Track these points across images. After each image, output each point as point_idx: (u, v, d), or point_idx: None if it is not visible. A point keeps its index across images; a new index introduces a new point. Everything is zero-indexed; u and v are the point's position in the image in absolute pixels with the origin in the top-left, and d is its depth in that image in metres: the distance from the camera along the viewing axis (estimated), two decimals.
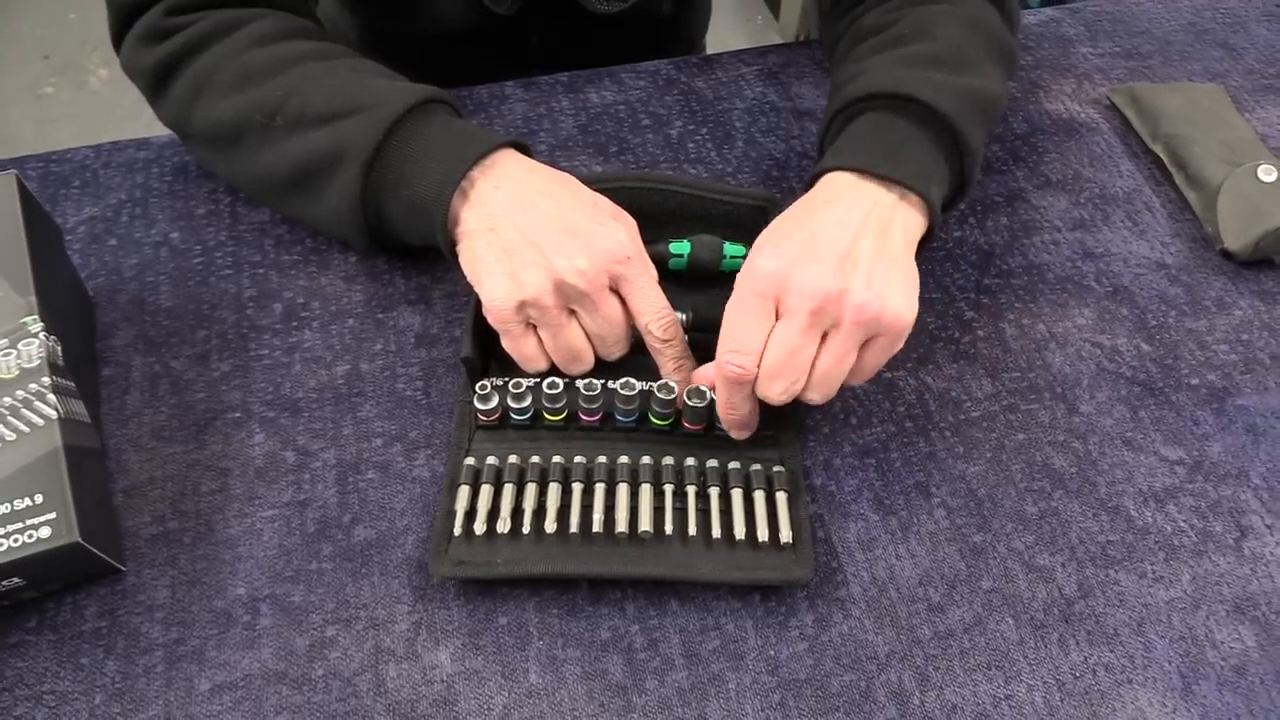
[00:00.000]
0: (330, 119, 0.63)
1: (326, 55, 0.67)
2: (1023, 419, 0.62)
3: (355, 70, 0.66)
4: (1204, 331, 0.67)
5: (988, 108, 0.65)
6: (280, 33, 0.68)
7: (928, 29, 0.67)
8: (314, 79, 0.64)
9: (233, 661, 0.53)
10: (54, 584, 0.54)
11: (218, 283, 0.68)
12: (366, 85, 0.64)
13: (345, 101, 0.63)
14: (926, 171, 0.60)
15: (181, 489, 0.59)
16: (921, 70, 0.63)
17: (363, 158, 0.61)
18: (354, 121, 0.62)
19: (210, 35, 0.67)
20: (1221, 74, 0.85)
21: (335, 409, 0.62)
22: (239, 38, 0.66)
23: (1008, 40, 0.70)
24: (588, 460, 0.58)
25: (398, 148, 0.61)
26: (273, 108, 0.64)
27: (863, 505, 0.59)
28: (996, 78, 0.67)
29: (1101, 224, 0.73)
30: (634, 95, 0.82)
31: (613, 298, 0.59)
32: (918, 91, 0.61)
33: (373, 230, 0.65)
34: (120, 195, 0.74)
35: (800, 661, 0.53)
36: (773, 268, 0.54)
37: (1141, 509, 0.59)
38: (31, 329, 0.55)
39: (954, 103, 0.62)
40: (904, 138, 0.61)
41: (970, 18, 0.68)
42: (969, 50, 0.66)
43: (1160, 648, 0.54)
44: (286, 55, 0.66)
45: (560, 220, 0.59)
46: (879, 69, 0.65)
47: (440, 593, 0.55)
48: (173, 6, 0.68)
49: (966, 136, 0.61)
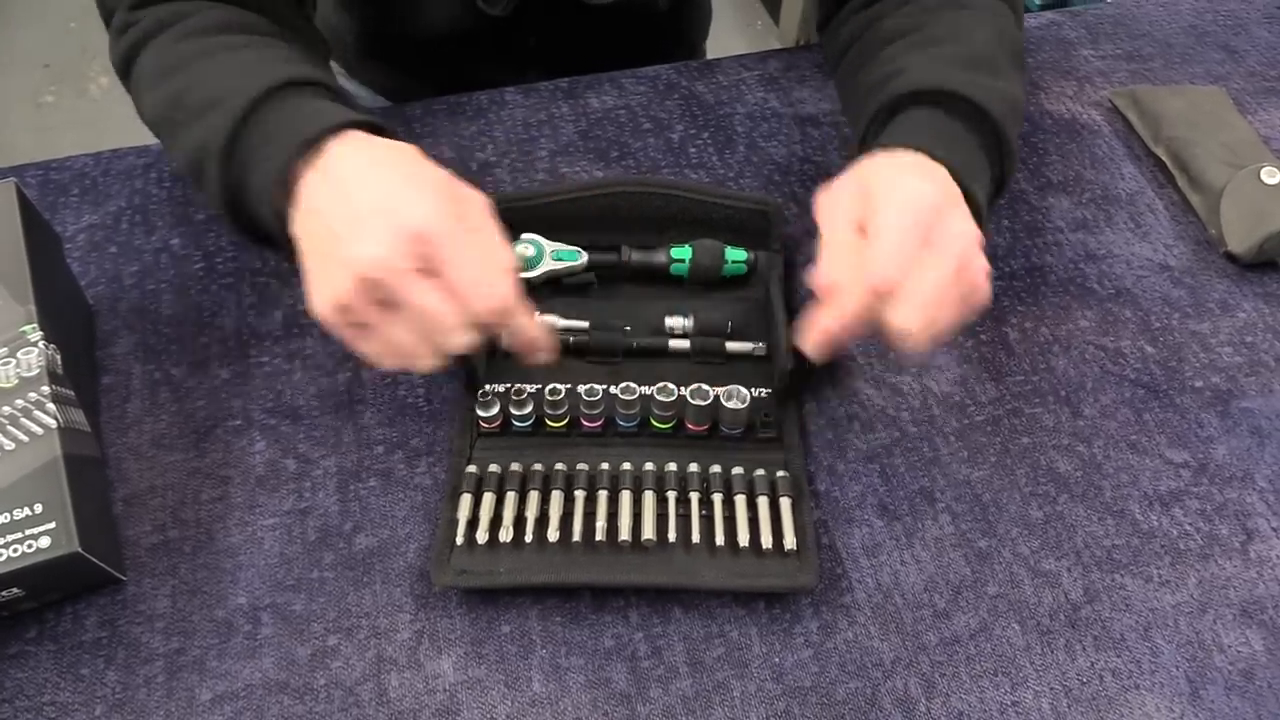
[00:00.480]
0: (205, 109, 0.58)
1: (242, 45, 0.63)
2: (1027, 423, 0.62)
3: (252, 56, 0.61)
4: (1208, 334, 0.67)
5: (1020, 114, 0.65)
6: (214, 26, 0.65)
7: (960, 33, 0.67)
8: (209, 68, 0.60)
9: (234, 671, 0.52)
10: (54, 594, 0.54)
11: (218, 290, 0.68)
12: (243, 71, 0.59)
13: (218, 90, 0.58)
14: (977, 173, 0.59)
15: (182, 497, 0.58)
16: (964, 71, 0.63)
17: (217, 150, 0.56)
18: (215, 113, 0.57)
19: (154, 29, 0.65)
20: (1223, 77, 0.85)
21: (336, 416, 0.62)
22: (173, 32, 0.64)
23: (1022, 46, 0.70)
24: (590, 467, 0.58)
25: (248, 135, 0.56)
26: (175, 100, 0.60)
27: (867, 511, 0.58)
28: (1019, 81, 0.67)
29: (1104, 225, 0.73)
30: (635, 100, 0.82)
31: (425, 285, 0.48)
32: (969, 91, 0.60)
33: (249, 229, 0.59)
34: (120, 203, 0.73)
35: (805, 669, 0.53)
36: (933, 202, 0.51)
37: (1147, 512, 0.58)
38: (31, 338, 0.54)
39: (999, 105, 0.61)
40: (957, 136, 0.60)
41: (996, 24, 0.68)
42: (1000, 56, 0.66)
43: (1167, 653, 0.53)
44: (205, 48, 0.62)
45: (368, 201, 0.50)
46: (922, 67, 0.64)
47: (442, 601, 0.55)
48: (134, 2, 0.66)
49: (1009, 140, 0.61)
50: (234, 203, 0.58)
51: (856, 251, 0.51)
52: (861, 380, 0.64)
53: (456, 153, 0.77)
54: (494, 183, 0.75)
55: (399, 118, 0.80)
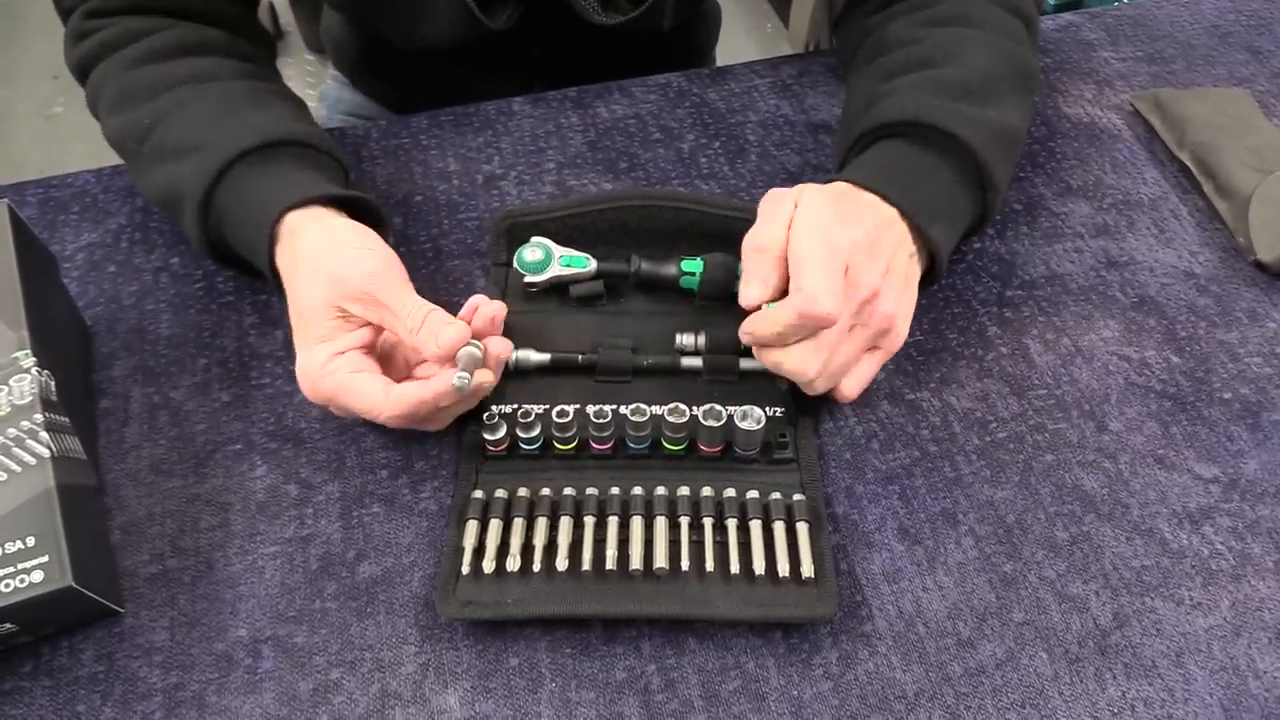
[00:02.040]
0: (180, 154, 0.62)
1: (210, 76, 0.66)
2: (1050, 439, 0.60)
3: (220, 98, 0.65)
4: (1236, 344, 0.65)
5: (1014, 143, 0.65)
6: (175, 48, 0.67)
7: (957, 53, 0.65)
8: (181, 107, 0.64)
9: (234, 707, 0.51)
10: (49, 628, 0.52)
11: (219, 309, 0.67)
12: (215, 120, 0.63)
13: (194, 137, 0.62)
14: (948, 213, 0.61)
15: (181, 525, 0.57)
16: (952, 101, 0.62)
17: (195, 201, 0.61)
18: (192, 161, 0.61)
19: (111, 44, 0.67)
20: (1247, 78, 0.82)
21: (339, 439, 0.60)
22: (131, 52, 0.67)
23: (1033, 67, 0.68)
24: (600, 492, 0.56)
25: (226, 192, 0.61)
26: (142, 134, 0.64)
27: (887, 535, 0.56)
28: (1022, 110, 0.66)
29: (1126, 231, 0.71)
30: (644, 109, 0.80)
31: (334, 392, 0.55)
32: (949, 123, 0.60)
33: (228, 262, 0.65)
34: (120, 220, 0.72)
35: (825, 702, 0.51)
36: (850, 244, 0.55)
37: (1176, 531, 0.56)
38: (23, 364, 0.53)
39: (983, 138, 0.61)
40: (928, 171, 0.61)
41: (1001, 45, 0.66)
42: (999, 81, 0.65)
43: (1200, 679, 0.51)
44: (167, 77, 0.65)
45: (294, 310, 0.58)
46: (908, 93, 0.63)
47: (449, 632, 0.53)
48: (91, 9, 0.68)
49: (993, 173, 0.61)
50: (213, 244, 0.63)
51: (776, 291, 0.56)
52: (879, 397, 0.62)
53: (462, 165, 0.76)
54: (500, 196, 0.74)
55: (405, 129, 0.79)
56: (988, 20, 0.67)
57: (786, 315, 0.53)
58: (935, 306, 0.67)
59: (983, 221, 0.65)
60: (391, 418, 0.55)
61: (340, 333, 0.56)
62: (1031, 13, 0.70)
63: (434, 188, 0.74)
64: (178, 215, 0.63)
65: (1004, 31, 0.67)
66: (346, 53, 0.98)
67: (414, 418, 0.55)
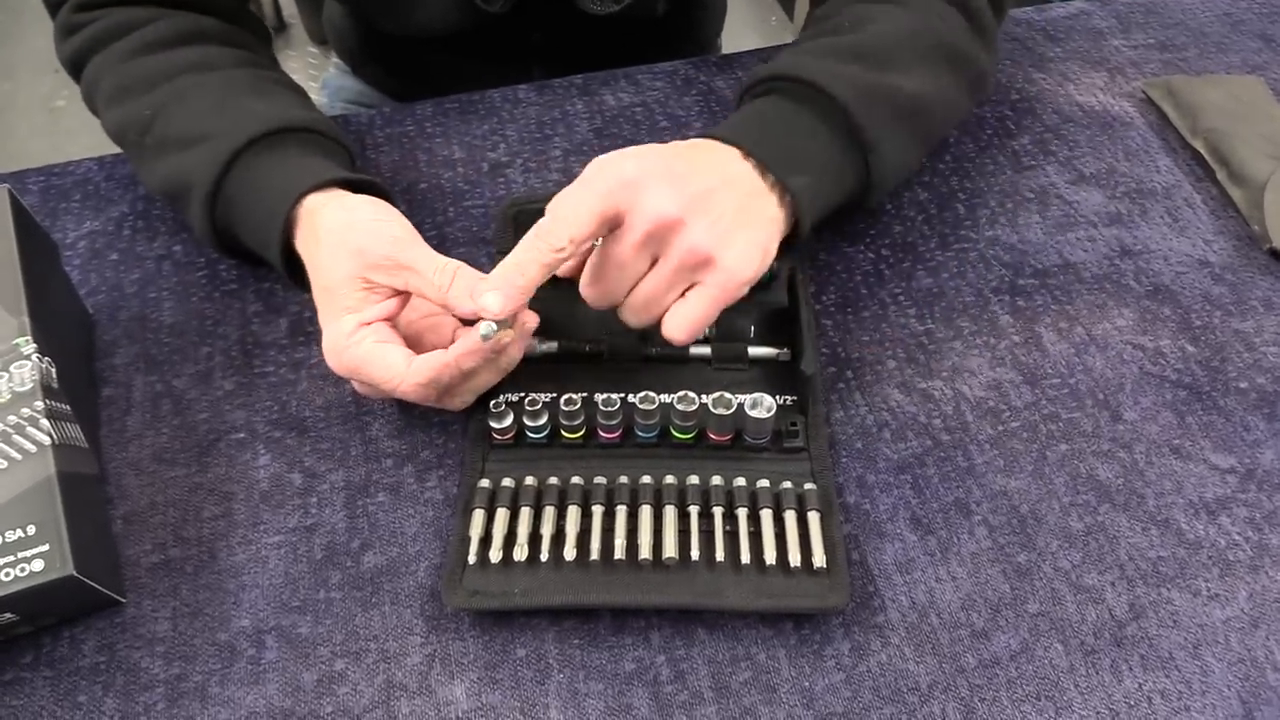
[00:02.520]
0: (185, 145, 0.62)
1: (209, 66, 0.66)
2: (1064, 428, 0.59)
3: (225, 87, 0.64)
4: (1251, 333, 0.64)
5: (908, 108, 0.63)
6: (171, 38, 0.67)
7: (863, 23, 0.65)
8: (181, 97, 0.63)
9: (237, 698, 0.50)
10: (50, 618, 0.51)
11: (222, 298, 0.66)
12: (219, 109, 0.63)
13: (199, 127, 0.62)
14: (816, 169, 0.59)
15: (184, 515, 0.56)
16: (836, 61, 0.62)
17: (203, 192, 0.60)
18: (199, 151, 0.61)
19: (104, 37, 0.67)
20: (1260, 66, 0.81)
21: (344, 428, 0.60)
22: (125, 44, 0.66)
23: (964, 48, 0.66)
24: (608, 480, 0.55)
25: (235, 181, 0.60)
26: (144, 125, 0.64)
27: (899, 525, 0.56)
28: (932, 82, 0.64)
29: (1139, 220, 0.70)
30: (651, 96, 0.79)
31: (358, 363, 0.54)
32: (817, 78, 0.60)
33: (234, 252, 0.65)
34: (122, 208, 0.71)
35: (837, 693, 0.50)
36: (630, 177, 0.53)
37: (1193, 521, 0.55)
38: (24, 350, 0.52)
39: (857, 95, 0.60)
40: (796, 123, 0.60)
41: (916, 21, 0.65)
42: (903, 51, 0.64)
43: (1218, 671, 0.50)
44: (166, 68, 0.65)
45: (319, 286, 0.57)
46: (794, 53, 0.64)
47: (455, 623, 0.52)
48: (80, 3, 0.68)
49: (868, 132, 0.60)
50: (219, 234, 0.63)
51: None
52: (891, 386, 0.61)
53: (467, 153, 0.75)
54: (506, 184, 0.73)
55: (409, 117, 0.78)
56: (917, 4, 0.66)
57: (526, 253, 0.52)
58: (946, 294, 0.66)
59: (870, 191, 0.63)
60: (414, 388, 0.54)
61: (366, 304, 0.55)
62: (973, 5, 0.67)
63: (439, 175, 0.73)
64: (183, 205, 0.63)
65: (929, 11, 0.66)
66: (348, 41, 0.98)
67: (436, 385, 0.54)
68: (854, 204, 0.64)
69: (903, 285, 0.67)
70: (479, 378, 0.56)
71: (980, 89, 0.70)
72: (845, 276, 0.67)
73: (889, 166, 0.62)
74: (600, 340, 0.61)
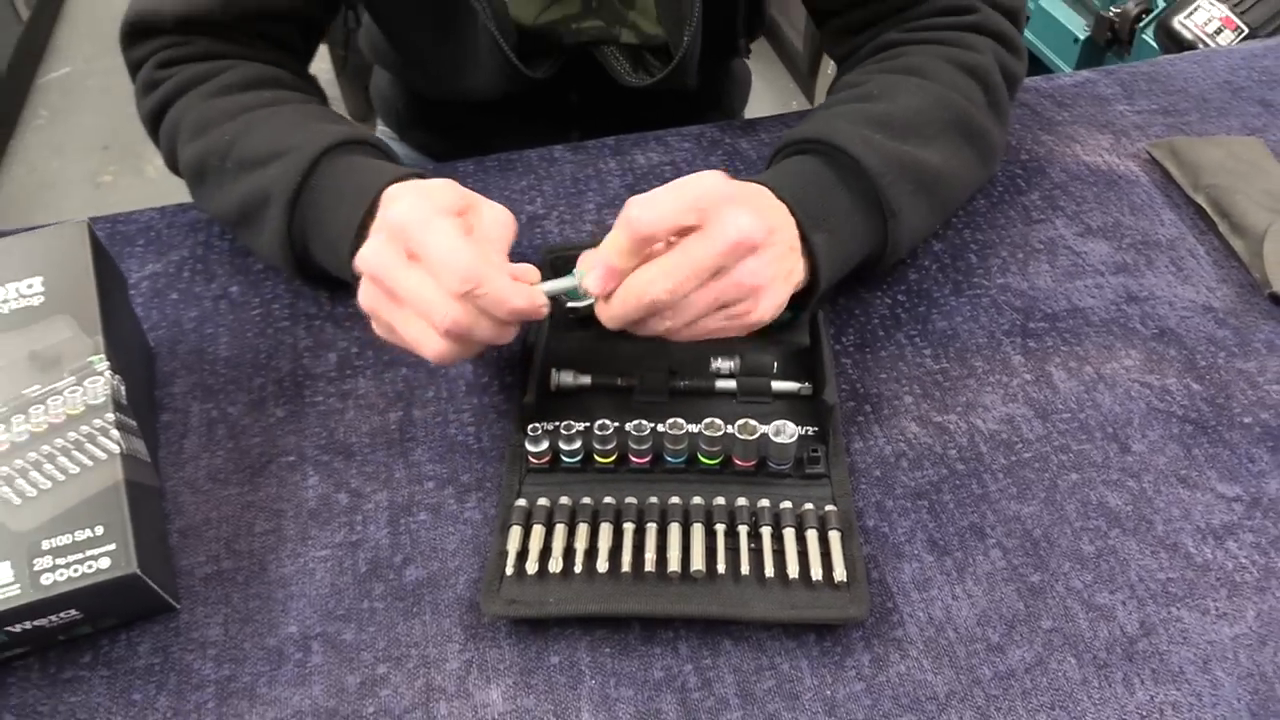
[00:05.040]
0: (263, 162, 0.66)
1: (279, 102, 0.71)
2: (1075, 459, 0.62)
3: (297, 114, 0.70)
4: (1255, 372, 0.66)
5: (932, 182, 0.67)
6: (244, 83, 0.73)
7: (892, 93, 0.70)
8: (258, 124, 0.69)
9: (283, 698, 0.52)
10: (109, 619, 0.54)
11: (275, 334, 0.70)
12: (296, 129, 0.68)
13: (275, 145, 0.66)
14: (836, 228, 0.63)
15: (236, 529, 0.59)
16: (867, 129, 0.66)
17: (284, 199, 0.64)
18: (277, 165, 0.65)
19: (184, 86, 0.72)
20: (1259, 129, 0.86)
21: (388, 453, 0.63)
22: (206, 88, 0.72)
23: (978, 122, 0.71)
24: (639, 501, 0.58)
25: (314, 189, 0.64)
26: (224, 151, 0.68)
27: (916, 546, 0.58)
28: (953, 156, 0.69)
29: (1145, 269, 0.73)
30: (679, 155, 0.84)
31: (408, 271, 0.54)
32: (849, 144, 0.64)
33: (301, 265, 0.68)
34: (182, 253, 0.76)
35: (858, 702, 0.52)
36: (720, 190, 0.54)
37: (1201, 546, 0.58)
38: (97, 367, 0.56)
39: (884, 163, 0.64)
40: (822, 183, 0.64)
41: (940, 94, 0.70)
42: (927, 124, 0.68)
43: (1228, 685, 0.52)
44: (242, 103, 0.70)
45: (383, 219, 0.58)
46: (826, 116, 0.68)
47: (491, 632, 0.55)
48: (162, 60, 0.74)
49: (892, 200, 0.64)
50: (294, 244, 0.65)
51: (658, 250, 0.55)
52: (908, 419, 0.64)
53: (507, 205, 0.79)
54: (543, 234, 0.77)
55: (452, 174, 0.83)
56: (938, 74, 0.71)
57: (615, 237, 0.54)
58: (960, 336, 0.69)
59: (884, 255, 0.67)
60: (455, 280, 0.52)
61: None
62: (991, 78, 0.72)
63: None
64: (258, 222, 0.67)
65: (951, 85, 0.70)
66: (394, 106, 1.04)
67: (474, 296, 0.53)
68: (867, 267, 0.68)
69: (918, 328, 0.70)
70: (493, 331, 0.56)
71: (993, 162, 0.75)
72: (863, 320, 0.71)
73: (906, 233, 0.66)
74: (631, 375, 0.65)
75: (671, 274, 0.53)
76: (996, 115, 0.73)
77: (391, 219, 0.55)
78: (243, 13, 0.73)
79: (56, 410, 0.55)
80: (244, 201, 0.67)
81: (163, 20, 0.73)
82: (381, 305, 0.56)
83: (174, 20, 0.72)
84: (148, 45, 0.74)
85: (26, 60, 2.67)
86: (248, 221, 0.68)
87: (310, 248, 0.66)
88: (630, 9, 0.85)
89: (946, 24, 0.75)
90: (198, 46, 0.73)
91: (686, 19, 0.78)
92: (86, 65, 2.74)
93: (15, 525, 0.51)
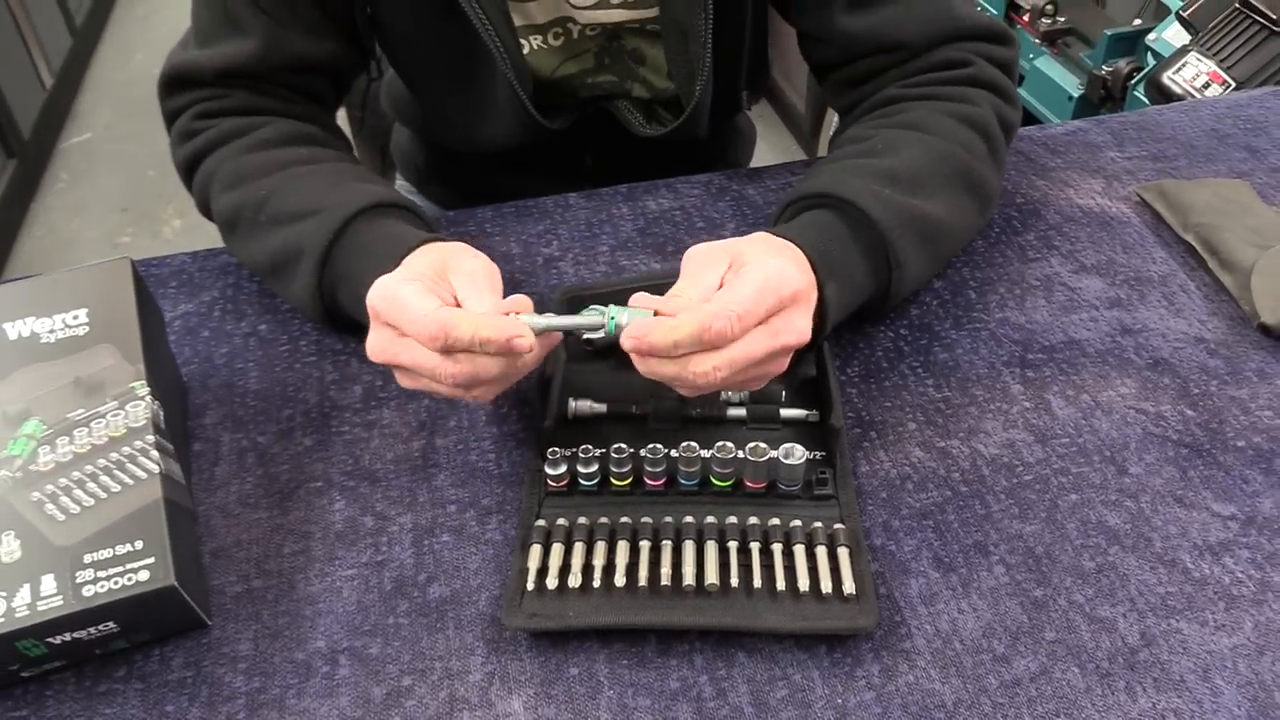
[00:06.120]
0: (297, 218, 0.70)
1: (314, 160, 0.75)
2: (1074, 480, 0.64)
3: (334, 173, 0.74)
4: (1247, 399, 0.69)
5: (932, 231, 0.70)
6: (279, 139, 0.77)
7: (895, 147, 0.73)
8: (293, 181, 0.73)
9: (312, 709, 0.54)
10: (144, 634, 0.56)
11: (302, 368, 0.73)
12: (331, 188, 0.71)
13: (309, 203, 0.70)
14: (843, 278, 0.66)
15: (265, 551, 0.62)
16: (874, 183, 0.69)
17: (315, 255, 0.68)
18: (312, 222, 0.69)
19: (222, 138, 0.77)
20: (1246, 173, 0.89)
21: (411, 478, 0.65)
22: (242, 142, 0.76)
23: (980, 174, 0.74)
24: (654, 520, 0.60)
25: (345, 248, 0.68)
26: (258, 204, 0.72)
27: (923, 563, 0.60)
28: (955, 207, 0.72)
29: (1138, 303, 0.76)
30: (689, 201, 0.88)
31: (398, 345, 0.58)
32: (858, 198, 0.67)
33: (331, 315, 0.72)
34: (214, 293, 0.79)
35: (868, 710, 0.54)
36: (793, 290, 0.59)
37: (1198, 561, 0.60)
38: (139, 393, 0.59)
39: (891, 216, 0.67)
40: (834, 235, 0.67)
41: (942, 148, 0.73)
42: (931, 176, 0.71)
43: (1228, 693, 0.54)
44: (278, 159, 0.75)
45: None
46: (833, 171, 0.71)
47: (513, 645, 0.57)
48: (201, 111, 0.78)
49: (899, 251, 0.67)
50: (323, 297, 0.70)
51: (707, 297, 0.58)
52: (912, 445, 0.67)
53: (523, 248, 0.83)
54: (558, 275, 0.81)
55: (471, 219, 0.86)
56: (939, 128, 0.74)
57: (689, 325, 0.55)
58: (960, 367, 0.72)
59: (884, 302, 0.71)
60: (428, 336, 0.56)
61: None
62: (990, 129, 0.76)
63: (499, 267, 0.81)
64: (289, 274, 0.70)
65: (952, 138, 0.74)
66: (414, 161, 1.08)
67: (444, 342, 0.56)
68: (864, 311, 0.72)
69: (920, 359, 0.73)
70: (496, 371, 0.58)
71: (991, 208, 0.79)
72: (867, 352, 0.74)
73: (908, 283, 0.70)
74: (645, 403, 0.67)
75: (733, 364, 0.56)
76: (995, 163, 0.77)
77: (370, 305, 0.59)
78: (279, 65, 0.77)
79: (99, 432, 0.57)
80: (276, 254, 0.71)
81: (202, 73, 0.77)
82: (409, 382, 0.61)
83: (214, 74, 0.77)
84: (186, 96, 0.78)
85: (49, 126, 2.75)
86: (279, 272, 0.72)
87: (339, 299, 0.70)
88: (641, 65, 0.89)
89: (945, 79, 0.78)
90: (235, 100, 0.78)
91: (698, 72, 0.82)
92: (106, 131, 2.81)
93: (59, 540, 0.54)
